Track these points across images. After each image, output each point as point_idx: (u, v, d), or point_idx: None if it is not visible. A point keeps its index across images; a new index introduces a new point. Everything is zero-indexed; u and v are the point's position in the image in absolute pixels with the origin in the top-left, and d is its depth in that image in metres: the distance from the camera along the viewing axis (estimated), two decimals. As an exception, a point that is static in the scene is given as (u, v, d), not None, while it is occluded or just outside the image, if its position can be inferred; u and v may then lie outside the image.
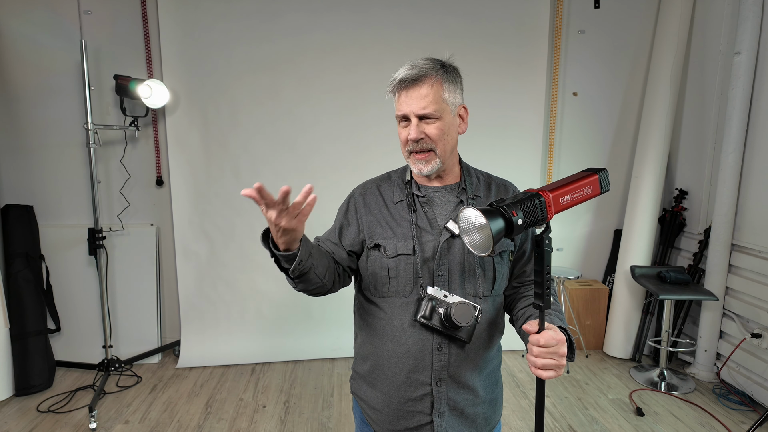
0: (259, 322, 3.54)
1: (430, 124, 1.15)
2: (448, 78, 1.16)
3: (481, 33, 3.44)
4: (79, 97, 3.20)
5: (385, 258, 1.21)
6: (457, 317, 1.11)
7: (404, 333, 1.20)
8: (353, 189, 1.33)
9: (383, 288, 1.22)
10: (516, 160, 3.57)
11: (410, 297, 1.20)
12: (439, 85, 1.14)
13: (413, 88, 1.14)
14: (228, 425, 2.72)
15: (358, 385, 1.32)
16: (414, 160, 1.19)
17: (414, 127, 1.15)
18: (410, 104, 1.14)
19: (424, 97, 1.13)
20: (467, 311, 1.12)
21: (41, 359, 3.09)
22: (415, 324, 1.18)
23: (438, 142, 1.16)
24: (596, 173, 1.04)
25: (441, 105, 1.14)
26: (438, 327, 1.15)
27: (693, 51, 3.41)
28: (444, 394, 1.20)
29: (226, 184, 3.40)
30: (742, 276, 3.04)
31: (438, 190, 1.25)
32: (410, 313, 1.19)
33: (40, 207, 3.29)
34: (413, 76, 1.13)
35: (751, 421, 2.74)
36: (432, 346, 1.19)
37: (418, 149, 1.17)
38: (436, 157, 1.18)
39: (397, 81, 1.15)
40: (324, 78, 3.37)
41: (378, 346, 1.24)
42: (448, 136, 1.18)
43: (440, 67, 1.16)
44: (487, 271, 1.21)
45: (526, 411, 2.85)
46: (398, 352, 1.21)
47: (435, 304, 1.15)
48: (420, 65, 1.15)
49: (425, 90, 1.13)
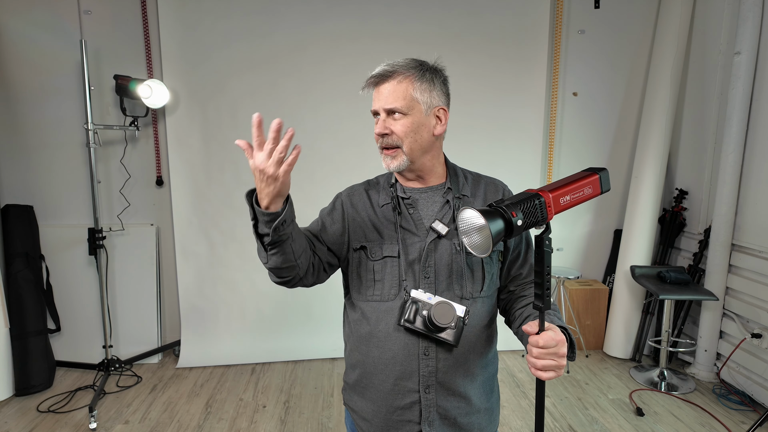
0: (259, 322, 3.53)
1: (397, 120, 1.15)
2: (423, 77, 1.16)
3: (481, 33, 3.44)
4: (79, 97, 3.20)
5: (370, 261, 1.20)
6: (437, 317, 1.09)
7: (389, 338, 1.18)
8: (340, 192, 1.31)
9: (368, 292, 1.20)
10: (516, 160, 3.57)
11: (395, 301, 1.18)
12: (409, 83, 1.15)
13: (382, 84, 1.16)
14: (228, 425, 2.72)
15: (349, 396, 1.29)
16: (383, 156, 1.20)
17: (381, 121, 1.17)
18: (379, 99, 1.16)
19: (391, 93, 1.14)
20: (448, 311, 1.10)
21: (41, 359, 3.09)
22: (400, 329, 1.16)
23: (404, 139, 1.15)
24: (596, 173, 1.03)
25: (409, 102, 1.14)
26: (422, 330, 1.13)
27: (693, 51, 3.40)
28: (433, 401, 1.17)
29: (226, 184, 3.40)
30: (742, 276, 3.04)
31: (422, 191, 1.24)
32: (395, 318, 1.17)
33: (40, 207, 3.29)
34: (382, 72, 1.16)
35: (751, 421, 2.74)
36: (418, 350, 1.16)
37: (385, 145, 1.18)
38: (403, 154, 1.17)
39: (370, 77, 1.17)
40: (324, 77, 3.37)
41: (364, 353, 1.21)
42: (416, 135, 1.16)
43: (415, 66, 1.17)
44: (476, 272, 1.19)
45: (526, 411, 2.85)
46: (384, 358, 1.18)
47: (419, 306, 1.13)
48: (393, 63, 1.17)
49: (392, 86, 1.15)
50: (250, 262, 3.47)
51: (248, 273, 3.48)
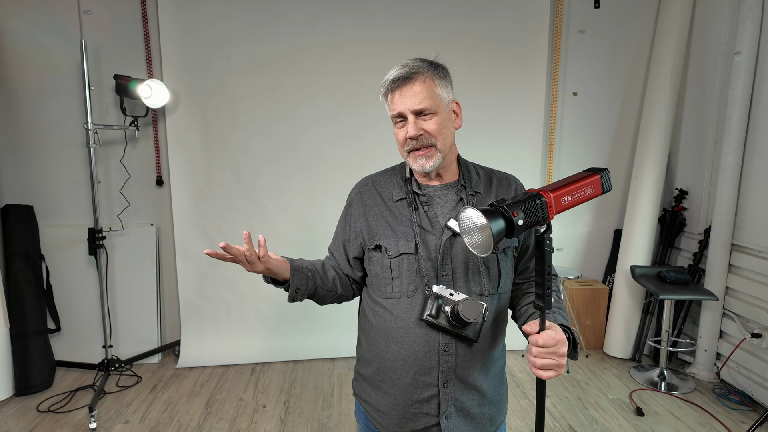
0: (259, 322, 3.53)
1: (428, 119, 1.16)
2: (439, 74, 1.18)
3: (481, 33, 3.44)
4: (79, 97, 3.20)
5: (387, 258, 1.21)
6: (465, 313, 1.09)
7: (410, 334, 1.18)
8: (351, 190, 1.34)
9: (387, 288, 1.21)
10: (516, 160, 3.57)
11: (414, 297, 1.19)
12: (431, 81, 1.16)
13: (406, 86, 1.15)
14: (228, 425, 2.72)
15: (362, 388, 1.30)
16: (414, 158, 1.19)
17: (412, 123, 1.16)
18: (404, 102, 1.15)
19: (417, 94, 1.14)
20: (475, 307, 1.11)
21: (41, 359, 3.09)
22: (421, 324, 1.17)
23: (438, 137, 1.17)
24: (598, 173, 1.04)
25: (435, 100, 1.16)
26: (445, 326, 1.14)
27: (693, 51, 3.41)
28: (451, 395, 1.19)
29: (226, 184, 3.40)
30: (742, 276, 3.04)
31: (437, 188, 1.24)
32: (415, 314, 1.18)
33: (40, 207, 3.29)
34: (405, 75, 1.15)
35: (751, 421, 2.74)
36: (439, 347, 1.17)
37: (419, 146, 1.17)
38: (438, 152, 1.18)
39: (389, 81, 1.16)
40: (324, 77, 3.37)
41: (383, 348, 1.22)
42: (446, 131, 1.18)
43: (429, 65, 1.18)
44: (492, 269, 1.20)
45: (526, 411, 2.85)
46: (404, 354, 1.19)
47: (441, 302, 1.14)
48: (409, 64, 1.16)
49: (418, 87, 1.15)
50: (250, 262, 3.47)
51: (248, 273, 3.46)
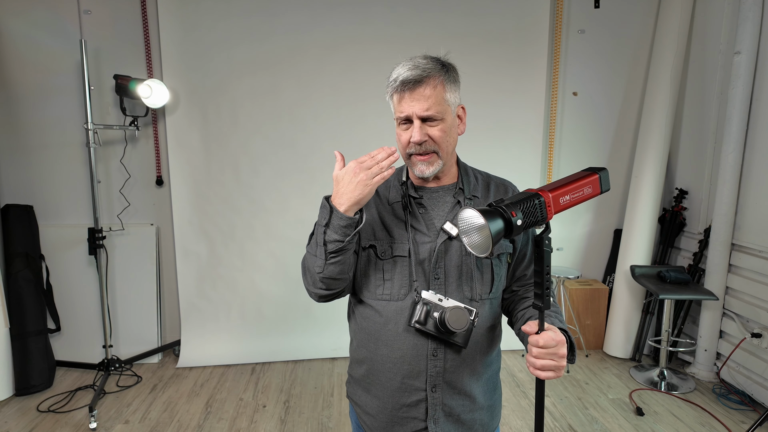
0: (259, 322, 3.54)
1: (434, 126, 1.12)
2: (450, 78, 1.14)
3: (481, 32, 3.44)
4: (79, 97, 3.20)
5: (380, 260, 1.19)
6: (451, 322, 1.08)
7: (398, 338, 1.17)
8: None
9: (377, 290, 1.19)
10: (516, 160, 3.57)
11: (405, 301, 1.17)
12: (442, 86, 1.11)
13: (416, 90, 1.10)
14: (228, 425, 2.72)
15: (354, 390, 1.30)
16: (414, 162, 1.16)
17: (417, 129, 1.11)
18: (413, 106, 1.11)
19: (427, 99, 1.10)
20: (462, 316, 1.09)
21: (41, 359, 3.09)
22: (410, 329, 1.16)
23: (441, 144, 1.14)
24: (596, 173, 1.03)
25: (444, 106, 1.12)
26: (433, 332, 1.13)
27: (693, 51, 3.40)
28: (439, 399, 1.18)
29: (226, 184, 3.40)
30: (742, 276, 3.04)
31: (435, 191, 1.22)
32: (405, 318, 1.16)
33: (40, 207, 3.29)
34: (416, 77, 1.09)
35: (751, 420, 2.74)
36: (427, 351, 1.16)
37: (421, 151, 1.14)
38: (439, 159, 1.15)
39: (399, 82, 1.11)
40: (324, 77, 3.37)
41: (372, 350, 1.21)
42: (450, 138, 1.16)
43: (441, 67, 1.13)
44: (485, 274, 1.19)
45: (526, 411, 2.85)
46: (392, 357, 1.18)
47: (430, 308, 1.12)
48: (422, 65, 1.11)
49: (429, 91, 1.10)
50: (250, 262, 3.47)
51: (248, 273, 3.48)
